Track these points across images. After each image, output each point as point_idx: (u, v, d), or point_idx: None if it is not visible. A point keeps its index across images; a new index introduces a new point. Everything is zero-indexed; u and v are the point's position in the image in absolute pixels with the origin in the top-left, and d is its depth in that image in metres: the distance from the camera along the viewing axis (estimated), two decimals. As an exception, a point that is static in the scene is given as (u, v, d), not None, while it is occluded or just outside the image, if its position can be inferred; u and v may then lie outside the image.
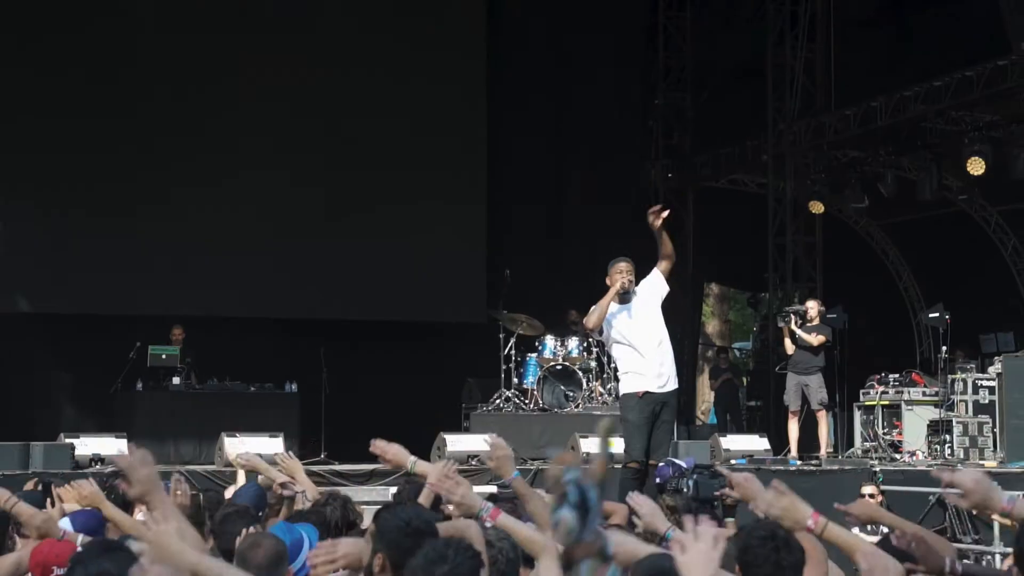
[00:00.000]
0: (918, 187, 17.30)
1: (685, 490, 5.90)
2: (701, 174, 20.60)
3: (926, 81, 16.05)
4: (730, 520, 5.31)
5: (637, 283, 9.25)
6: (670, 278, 9.30)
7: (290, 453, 6.82)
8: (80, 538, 4.85)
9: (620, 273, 9.17)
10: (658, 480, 7.27)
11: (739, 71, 20.07)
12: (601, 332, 9.50)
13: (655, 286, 9.24)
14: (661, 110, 20.42)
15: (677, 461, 8.01)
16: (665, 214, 8.81)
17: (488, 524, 4.22)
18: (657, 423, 9.00)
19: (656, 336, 9.19)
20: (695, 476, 5.95)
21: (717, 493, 5.35)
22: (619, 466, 8.81)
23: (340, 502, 5.54)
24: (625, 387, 9.21)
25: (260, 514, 5.74)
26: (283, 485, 6.08)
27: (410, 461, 5.31)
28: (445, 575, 3.19)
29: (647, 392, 9.00)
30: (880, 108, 16.79)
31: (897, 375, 15.13)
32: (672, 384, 9.27)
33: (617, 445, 8.93)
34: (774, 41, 18.63)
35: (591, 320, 9.29)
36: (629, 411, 9.07)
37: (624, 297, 9.17)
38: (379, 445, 5.32)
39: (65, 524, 5.16)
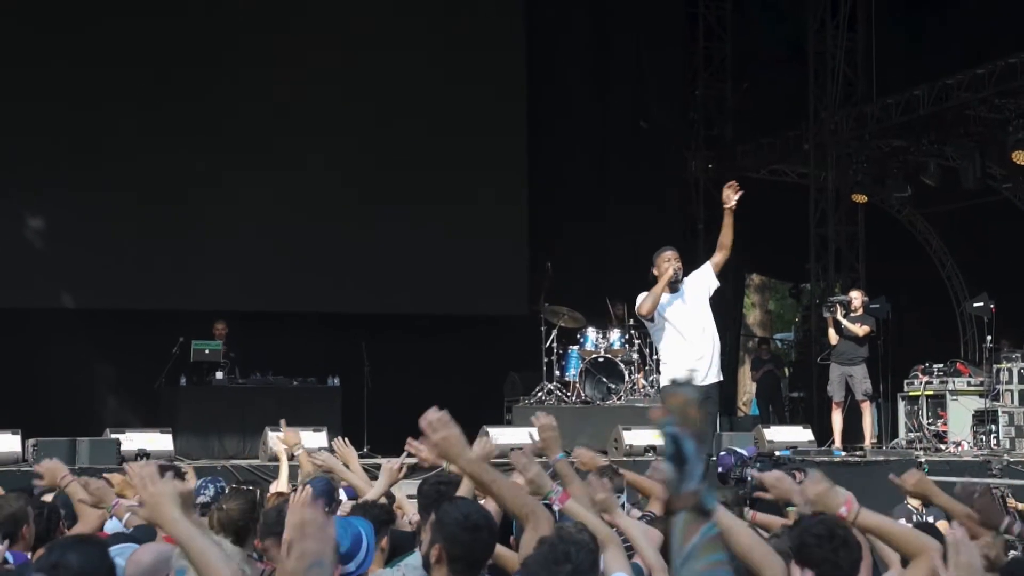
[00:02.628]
0: (961, 175, 17.13)
1: (749, 479, 5.87)
2: (742, 164, 20.48)
3: (969, 68, 15.91)
4: (791, 509, 5.23)
5: (687, 273, 9.27)
6: (720, 273, 9.31)
7: (346, 441, 6.79)
8: None
9: (668, 261, 9.24)
10: (720, 470, 7.27)
11: (780, 60, 19.97)
12: (652, 320, 9.51)
13: (706, 279, 9.28)
14: (702, 100, 20.36)
15: (739, 450, 8.01)
16: (740, 193, 8.82)
17: (556, 507, 4.22)
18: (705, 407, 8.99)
19: (700, 324, 9.21)
20: (758, 465, 5.92)
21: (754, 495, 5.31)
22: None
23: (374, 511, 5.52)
24: (666, 378, 9.24)
25: (327, 509, 5.71)
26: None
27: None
28: (569, 574, 3.22)
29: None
30: (922, 96, 16.66)
31: (941, 365, 15.02)
32: (713, 377, 9.28)
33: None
34: (815, 29, 18.51)
35: (645, 306, 9.31)
36: None
37: (673, 286, 9.21)
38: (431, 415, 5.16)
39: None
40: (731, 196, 8.83)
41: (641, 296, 9.46)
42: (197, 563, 3.12)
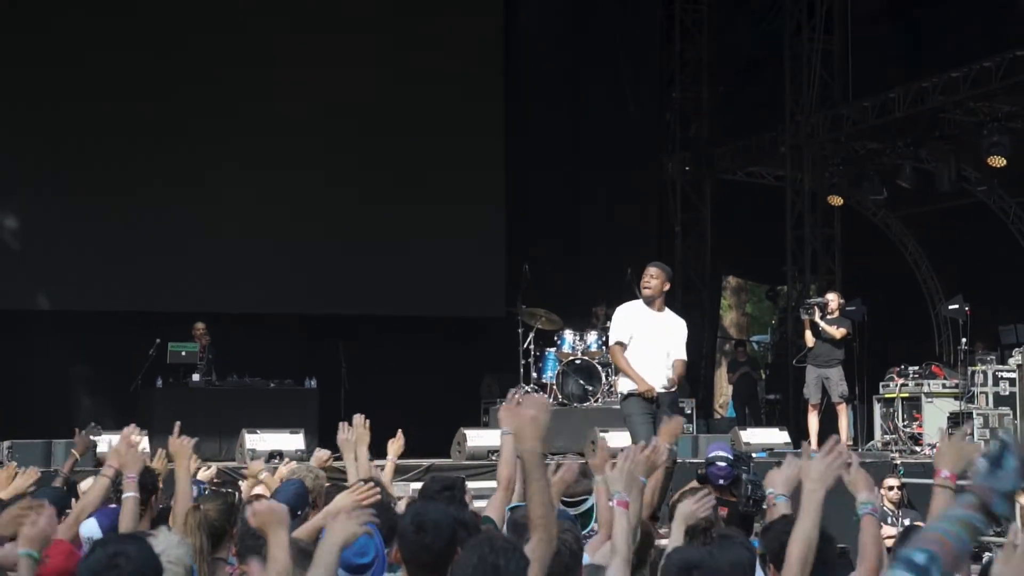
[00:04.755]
0: (936, 178, 17.23)
1: (744, 478, 5.89)
2: (719, 166, 20.59)
3: (944, 72, 15.99)
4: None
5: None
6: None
7: (366, 421, 6.65)
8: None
9: (644, 276, 9.43)
10: (721, 482, 7.32)
11: (756, 63, 20.03)
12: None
13: (681, 334, 9.49)
14: (678, 102, 20.40)
15: (723, 453, 8.03)
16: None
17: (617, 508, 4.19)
18: (659, 415, 9.11)
19: (666, 349, 9.36)
20: (752, 475, 5.94)
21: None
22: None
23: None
24: (623, 386, 9.47)
25: (300, 513, 5.69)
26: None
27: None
28: None
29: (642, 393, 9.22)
30: (898, 99, 16.74)
31: (917, 367, 15.07)
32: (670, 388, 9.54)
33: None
34: (791, 32, 18.56)
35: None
36: (630, 406, 9.30)
37: (648, 301, 9.35)
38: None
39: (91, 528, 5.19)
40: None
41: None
42: None
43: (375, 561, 4.29)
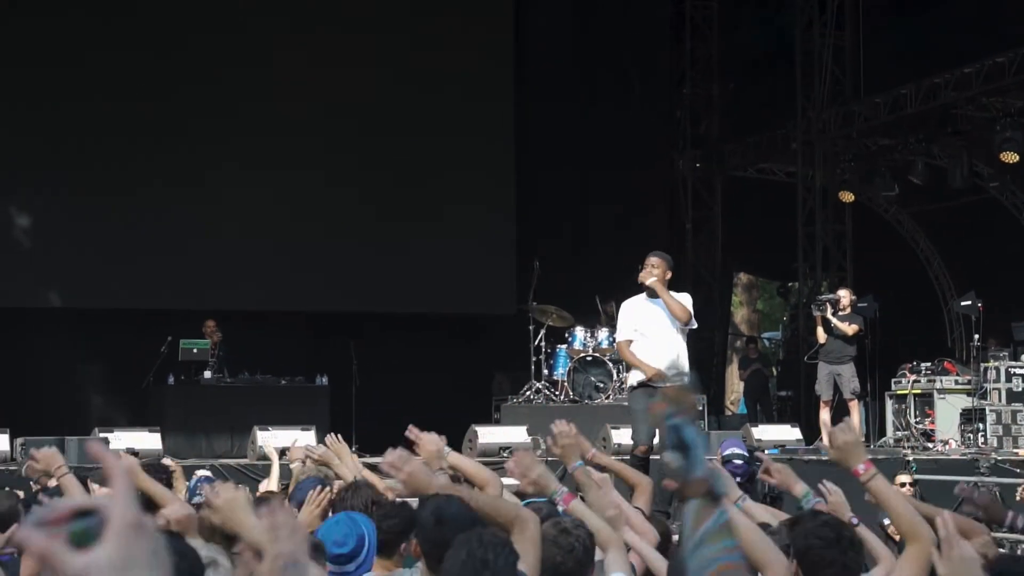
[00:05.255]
0: (949, 174, 17.18)
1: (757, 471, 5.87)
2: (729, 163, 20.56)
3: (956, 67, 15.95)
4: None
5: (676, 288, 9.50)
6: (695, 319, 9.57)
7: (338, 437, 6.74)
8: None
9: (644, 266, 9.45)
10: (738, 480, 7.32)
11: (767, 59, 20.00)
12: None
13: (686, 303, 9.49)
14: (689, 99, 20.38)
15: (738, 450, 8.02)
16: None
17: (560, 508, 4.22)
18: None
19: (669, 334, 9.37)
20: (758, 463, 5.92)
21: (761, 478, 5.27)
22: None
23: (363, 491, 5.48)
24: (631, 379, 9.56)
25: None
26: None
27: (444, 452, 5.26)
28: None
29: (649, 383, 9.22)
30: (910, 95, 16.70)
31: (929, 364, 15.05)
32: (684, 374, 9.50)
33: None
34: (802, 28, 18.53)
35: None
36: (634, 401, 9.40)
37: (651, 292, 9.38)
38: (415, 431, 5.21)
39: None
40: None
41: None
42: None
43: (360, 550, 4.30)
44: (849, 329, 14.02)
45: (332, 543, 4.14)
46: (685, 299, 9.55)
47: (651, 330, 9.41)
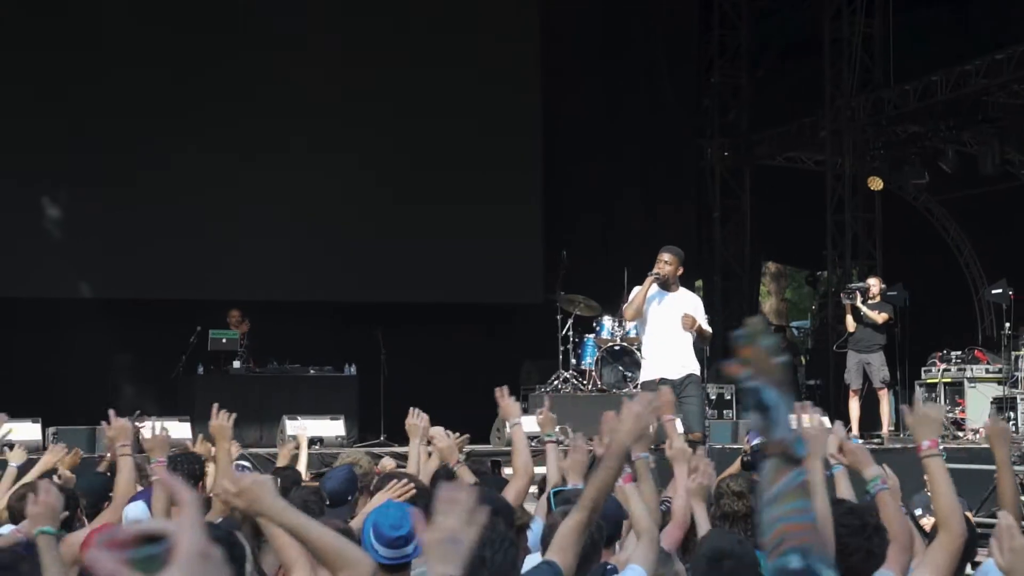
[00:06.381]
0: (979, 162, 17.08)
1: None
2: (758, 152, 20.49)
3: (987, 54, 15.84)
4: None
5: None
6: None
7: (419, 412, 6.68)
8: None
9: (657, 263, 9.53)
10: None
11: (796, 47, 19.91)
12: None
13: (698, 311, 9.57)
14: (717, 88, 20.31)
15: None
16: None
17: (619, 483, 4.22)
18: (682, 399, 9.18)
19: (676, 330, 9.42)
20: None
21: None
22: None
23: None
24: (644, 375, 9.81)
25: (350, 498, 5.70)
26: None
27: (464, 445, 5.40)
28: None
29: (663, 379, 9.28)
30: (940, 82, 16.59)
31: (959, 352, 14.97)
32: (690, 370, 9.58)
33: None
34: (831, 15, 18.42)
35: (627, 313, 9.74)
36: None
37: (664, 284, 9.43)
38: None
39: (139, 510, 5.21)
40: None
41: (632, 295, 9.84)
42: (323, 551, 3.12)
43: (414, 535, 4.30)
44: (879, 317, 13.95)
45: (389, 527, 4.10)
46: (695, 303, 9.61)
47: (663, 325, 9.46)
